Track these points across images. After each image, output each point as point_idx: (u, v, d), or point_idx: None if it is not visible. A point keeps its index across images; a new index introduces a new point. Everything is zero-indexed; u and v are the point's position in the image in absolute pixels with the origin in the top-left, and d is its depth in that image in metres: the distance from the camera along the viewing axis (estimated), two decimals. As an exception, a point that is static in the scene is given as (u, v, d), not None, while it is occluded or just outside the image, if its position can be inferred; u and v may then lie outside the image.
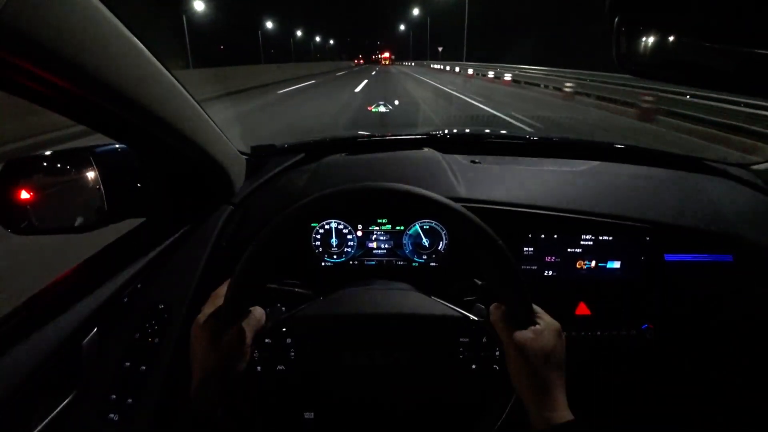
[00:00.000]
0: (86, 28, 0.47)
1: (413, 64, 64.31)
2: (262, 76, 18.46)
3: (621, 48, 0.40)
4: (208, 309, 0.55)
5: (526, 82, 13.99)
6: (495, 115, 7.96)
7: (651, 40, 0.38)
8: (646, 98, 7.52)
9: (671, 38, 0.37)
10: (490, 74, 17.69)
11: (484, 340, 0.56)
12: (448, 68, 29.97)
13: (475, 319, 0.57)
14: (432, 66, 41.42)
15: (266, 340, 0.56)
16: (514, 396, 0.53)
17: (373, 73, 33.40)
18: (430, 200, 0.51)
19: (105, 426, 0.63)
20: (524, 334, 0.51)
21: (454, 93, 12.94)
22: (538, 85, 13.08)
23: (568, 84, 10.90)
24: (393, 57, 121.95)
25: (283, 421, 0.58)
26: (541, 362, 0.50)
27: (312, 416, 0.59)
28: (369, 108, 9.21)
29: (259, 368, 0.57)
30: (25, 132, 5.34)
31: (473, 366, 0.56)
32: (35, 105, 0.53)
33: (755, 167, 1.02)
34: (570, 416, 0.48)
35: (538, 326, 0.52)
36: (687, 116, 6.72)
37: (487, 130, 1.46)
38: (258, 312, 0.57)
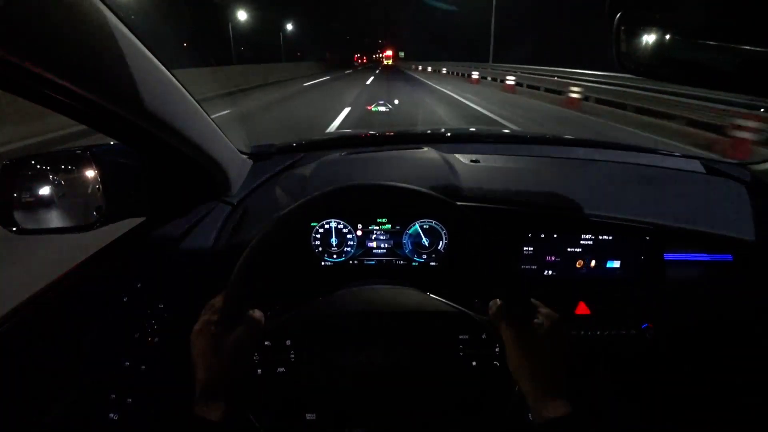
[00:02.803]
0: (86, 28, 0.47)
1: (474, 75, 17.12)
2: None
3: (621, 47, 0.40)
4: (205, 317, 0.55)
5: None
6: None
7: (651, 39, 0.38)
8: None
9: (671, 37, 0.37)
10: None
11: (483, 336, 0.56)
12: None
13: (474, 315, 0.57)
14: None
15: (266, 343, 0.56)
16: (514, 392, 0.53)
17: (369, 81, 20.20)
18: (425, 196, 0.52)
19: (105, 426, 0.63)
20: (523, 328, 0.51)
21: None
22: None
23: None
24: (400, 55, 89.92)
25: (286, 422, 0.58)
26: (540, 355, 0.50)
27: (314, 417, 0.58)
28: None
29: (259, 371, 0.57)
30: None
31: (473, 363, 0.56)
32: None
33: (755, 167, 1.02)
34: (570, 409, 0.48)
35: (536, 320, 0.52)
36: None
37: (487, 130, 1.46)
38: (257, 314, 0.56)
